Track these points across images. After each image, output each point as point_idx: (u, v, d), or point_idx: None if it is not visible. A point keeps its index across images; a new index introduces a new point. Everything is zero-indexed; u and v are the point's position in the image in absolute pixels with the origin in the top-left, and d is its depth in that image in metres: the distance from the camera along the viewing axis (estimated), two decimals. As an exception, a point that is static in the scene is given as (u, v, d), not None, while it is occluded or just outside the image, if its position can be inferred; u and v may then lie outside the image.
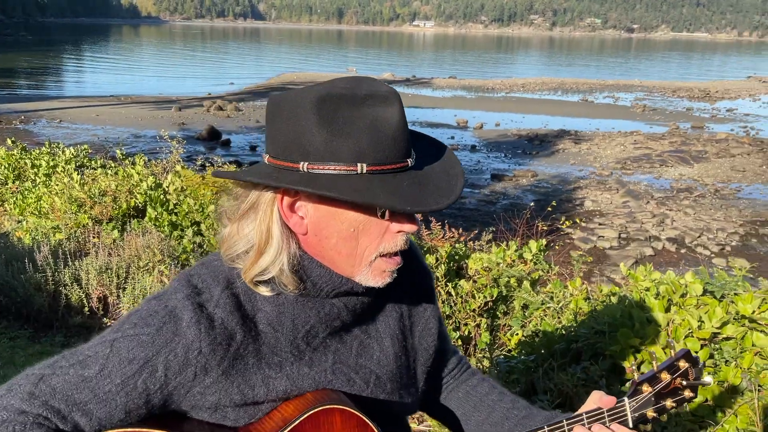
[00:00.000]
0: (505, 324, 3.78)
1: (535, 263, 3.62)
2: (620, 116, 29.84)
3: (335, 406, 1.17)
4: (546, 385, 2.48)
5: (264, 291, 1.16)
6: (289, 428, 1.13)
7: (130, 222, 4.89)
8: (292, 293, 1.16)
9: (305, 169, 1.07)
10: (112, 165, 6.73)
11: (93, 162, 6.74)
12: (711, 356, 2.28)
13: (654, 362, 1.28)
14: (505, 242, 4.18)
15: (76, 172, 5.57)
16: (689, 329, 2.17)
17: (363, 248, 1.14)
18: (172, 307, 1.11)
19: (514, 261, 3.55)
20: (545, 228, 7.93)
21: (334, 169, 1.06)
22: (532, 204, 9.92)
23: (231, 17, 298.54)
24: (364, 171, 1.06)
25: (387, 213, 1.12)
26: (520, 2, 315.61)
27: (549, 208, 11.07)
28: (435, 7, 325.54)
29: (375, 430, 1.20)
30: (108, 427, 1.08)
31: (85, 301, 3.96)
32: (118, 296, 3.90)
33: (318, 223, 1.13)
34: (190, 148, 19.14)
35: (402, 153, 1.09)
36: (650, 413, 1.30)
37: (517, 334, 3.02)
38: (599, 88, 42.48)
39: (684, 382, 1.29)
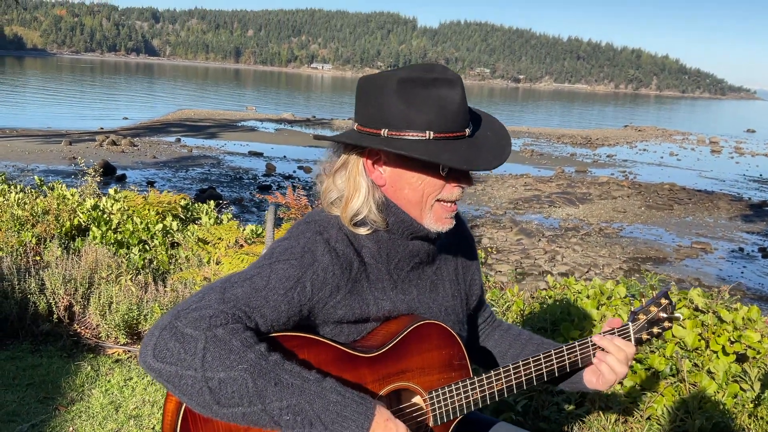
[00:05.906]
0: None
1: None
2: (511, 160, 31.01)
3: (432, 321, 1.49)
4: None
5: (362, 231, 1.47)
6: (400, 336, 1.44)
7: (73, 240, 4.85)
8: (383, 228, 1.47)
9: (386, 135, 1.39)
10: (32, 190, 6.57)
11: (12, 186, 6.54)
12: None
13: (643, 300, 1.65)
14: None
15: (13, 193, 5.43)
16: (619, 321, 2.52)
17: (427, 195, 1.44)
18: (304, 242, 1.42)
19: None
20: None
21: (409, 135, 1.37)
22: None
23: (123, 52, 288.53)
24: (431, 137, 1.37)
25: (447, 170, 1.42)
26: (414, 51, 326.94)
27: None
28: (333, 51, 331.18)
29: (458, 340, 1.53)
30: (275, 329, 1.35)
31: (54, 308, 3.94)
32: (84, 305, 3.88)
33: (393, 177, 1.45)
34: (84, 183, 18.31)
35: (461, 124, 1.40)
36: (644, 336, 1.71)
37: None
38: (491, 134, 44.26)
39: (664, 315, 1.71)
